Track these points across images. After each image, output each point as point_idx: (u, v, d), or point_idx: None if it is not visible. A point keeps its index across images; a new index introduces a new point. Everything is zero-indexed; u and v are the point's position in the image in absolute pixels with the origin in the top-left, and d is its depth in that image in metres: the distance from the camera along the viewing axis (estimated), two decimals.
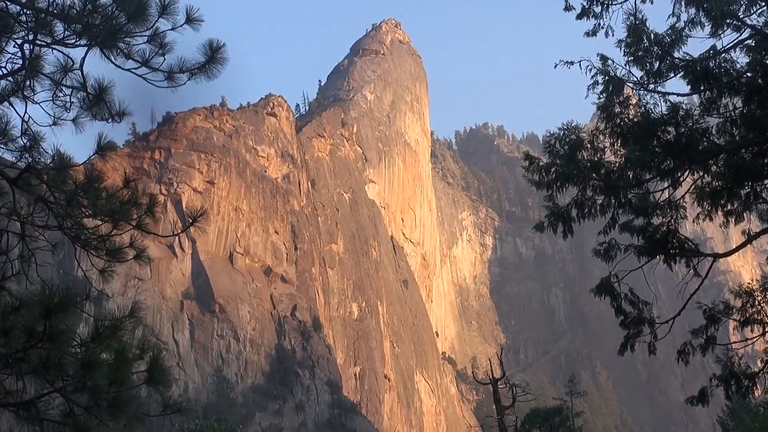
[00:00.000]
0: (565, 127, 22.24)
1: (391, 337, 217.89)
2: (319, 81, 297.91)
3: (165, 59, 13.07)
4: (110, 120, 13.39)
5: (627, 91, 21.42)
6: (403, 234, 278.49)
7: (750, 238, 23.88)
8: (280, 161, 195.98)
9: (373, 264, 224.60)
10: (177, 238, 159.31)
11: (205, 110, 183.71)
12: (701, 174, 22.44)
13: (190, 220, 14.19)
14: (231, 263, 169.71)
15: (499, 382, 64.71)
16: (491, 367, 71.87)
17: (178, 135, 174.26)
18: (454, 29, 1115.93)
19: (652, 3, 21.03)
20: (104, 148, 13.32)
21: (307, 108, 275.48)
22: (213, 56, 13.10)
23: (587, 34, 22.64)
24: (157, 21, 12.64)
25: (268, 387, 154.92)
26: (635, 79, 20.85)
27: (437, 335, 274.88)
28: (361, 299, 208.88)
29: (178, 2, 12.73)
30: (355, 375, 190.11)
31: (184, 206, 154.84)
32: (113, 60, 12.73)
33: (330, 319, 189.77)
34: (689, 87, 20.31)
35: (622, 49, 20.53)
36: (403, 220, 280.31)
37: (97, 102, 13.09)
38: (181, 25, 12.85)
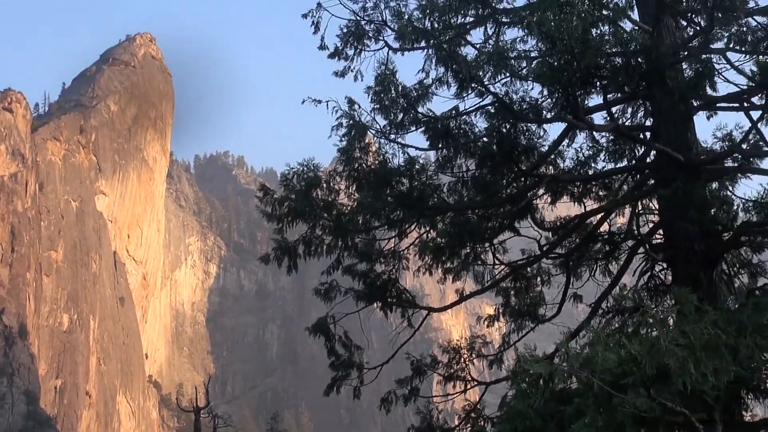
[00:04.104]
0: (304, 163, 22.26)
1: (99, 353, 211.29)
2: (63, 83, 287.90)
3: None
4: None
5: (369, 137, 21.61)
6: (127, 251, 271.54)
7: (462, 297, 24.55)
8: (10, 159, 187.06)
9: (92, 277, 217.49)
10: None
11: None
12: (428, 229, 22.88)
13: None
14: None
15: (202, 412, 63.96)
16: (196, 395, 71.06)
17: None
18: (209, 53, 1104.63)
19: (403, 55, 21.41)
20: None
21: (47, 109, 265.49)
22: None
23: (336, 74, 22.79)
24: None
25: None
26: (378, 128, 21.05)
27: (147, 357, 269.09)
28: (73, 311, 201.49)
29: None
30: (55, 388, 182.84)
31: None
32: None
33: (38, 327, 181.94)
34: (428, 143, 20.71)
35: (370, 96, 20.66)
36: (129, 237, 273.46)
37: None
38: None
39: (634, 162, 22.39)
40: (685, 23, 20.47)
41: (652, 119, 21.18)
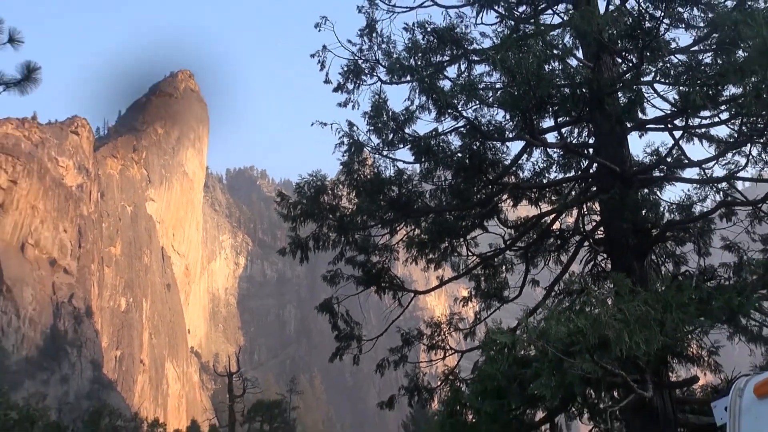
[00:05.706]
0: (313, 174, 22.25)
1: (150, 329, 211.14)
2: (120, 111, 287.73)
3: None
4: None
5: (365, 153, 21.55)
6: (172, 246, 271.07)
7: (442, 282, 24.48)
8: (77, 172, 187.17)
9: (144, 267, 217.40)
10: None
11: (17, 120, 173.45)
12: (413, 227, 22.85)
13: None
14: (22, 252, 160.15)
15: (234, 376, 63.87)
16: (229, 363, 71.00)
17: None
18: (246, 85, 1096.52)
19: (392, 86, 21.38)
20: None
21: (107, 131, 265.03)
22: (28, 75, 12.20)
23: (339, 104, 22.70)
24: None
25: (39, 360, 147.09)
26: (373, 145, 20.99)
27: (189, 332, 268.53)
28: (129, 295, 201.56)
29: (4, 23, 11.83)
30: (115, 357, 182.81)
31: None
32: None
33: (101, 308, 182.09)
34: (413, 158, 20.64)
35: (366, 120, 20.60)
36: (173, 235, 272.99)
37: None
38: (3, 44, 11.91)
39: (579, 173, 22.37)
40: (620, 60, 20.44)
41: (593, 138, 21.15)
